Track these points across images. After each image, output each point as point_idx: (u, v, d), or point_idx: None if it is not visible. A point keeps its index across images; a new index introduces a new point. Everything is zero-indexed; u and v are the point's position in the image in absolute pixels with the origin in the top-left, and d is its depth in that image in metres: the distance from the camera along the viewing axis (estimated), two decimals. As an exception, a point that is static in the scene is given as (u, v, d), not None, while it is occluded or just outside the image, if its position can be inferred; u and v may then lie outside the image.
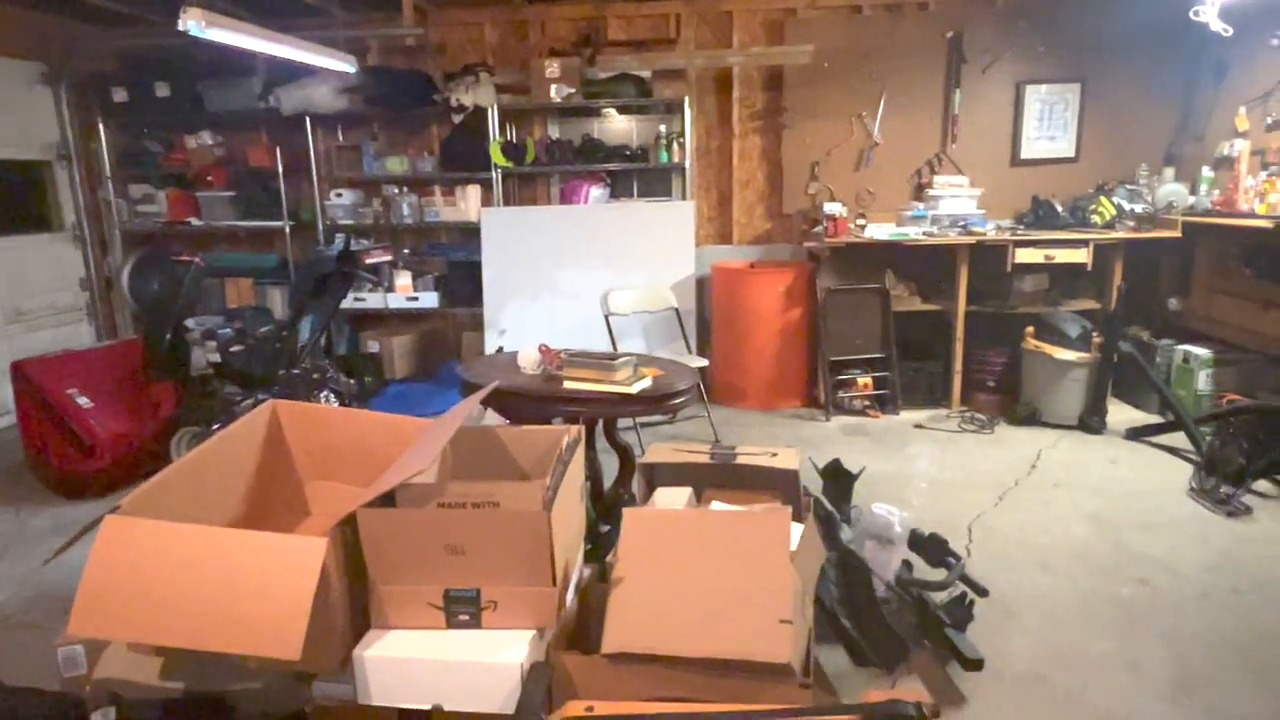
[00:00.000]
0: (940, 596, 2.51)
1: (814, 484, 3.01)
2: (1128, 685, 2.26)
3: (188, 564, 1.65)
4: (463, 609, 1.75)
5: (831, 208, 4.79)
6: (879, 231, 4.73)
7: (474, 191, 5.26)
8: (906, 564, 2.69)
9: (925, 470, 3.89)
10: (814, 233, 4.89)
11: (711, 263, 5.13)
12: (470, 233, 5.25)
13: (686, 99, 5.01)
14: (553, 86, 4.94)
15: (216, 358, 3.82)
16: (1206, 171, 4.56)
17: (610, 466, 3.07)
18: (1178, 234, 4.42)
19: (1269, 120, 4.23)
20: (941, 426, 4.52)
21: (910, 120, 5.08)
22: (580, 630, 1.91)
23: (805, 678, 1.62)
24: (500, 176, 5.17)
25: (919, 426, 4.53)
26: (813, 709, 1.35)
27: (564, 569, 1.81)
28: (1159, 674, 2.31)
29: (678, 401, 2.61)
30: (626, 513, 1.83)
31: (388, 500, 1.77)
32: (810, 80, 5.03)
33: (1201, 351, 4.28)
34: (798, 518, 2.10)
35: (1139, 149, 4.95)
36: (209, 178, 5.35)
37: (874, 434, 4.44)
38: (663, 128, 5.17)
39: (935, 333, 4.85)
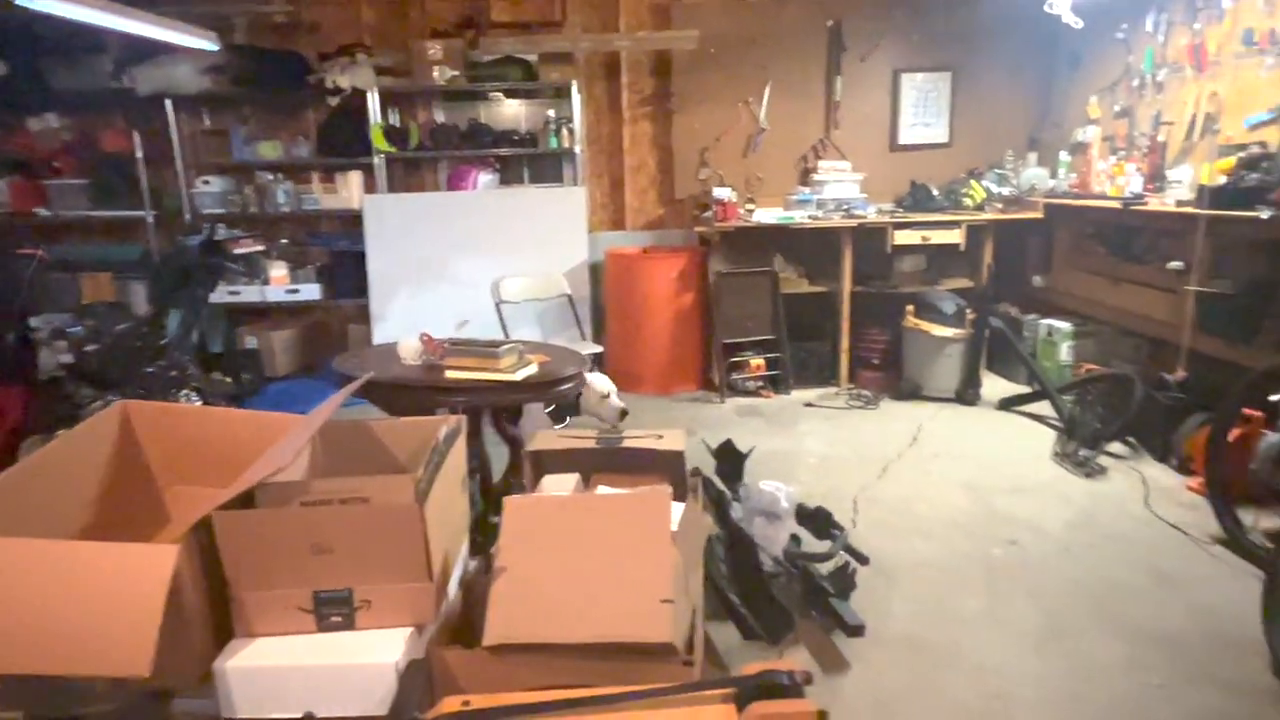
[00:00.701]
0: (826, 567, 2.58)
1: (709, 465, 3.05)
2: (997, 639, 2.39)
3: (21, 581, 1.51)
4: (334, 610, 1.66)
5: (721, 192, 4.84)
6: (767, 215, 4.82)
7: (355, 178, 5.04)
8: (795, 538, 2.75)
9: (815, 447, 4.01)
10: (704, 217, 4.94)
11: (605, 248, 5.11)
12: (353, 221, 5.02)
13: (575, 83, 4.95)
14: (435, 69, 4.78)
15: (69, 358, 3.52)
16: (1064, 156, 4.86)
17: (501, 458, 3.02)
18: (1040, 215, 4.70)
19: (1116, 108, 4.54)
20: (831, 404, 4.67)
21: (795, 106, 5.19)
22: (466, 625, 1.86)
23: (689, 655, 1.63)
24: (384, 162, 4.97)
25: (809, 405, 4.66)
26: (685, 685, 1.36)
27: (443, 563, 1.76)
28: (1026, 626, 2.45)
29: (566, 388, 2.58)
30: (506, 501, 1.79)
31: (248, 501, 1.67)
32: (698, 66, 5.06)
33: (1063, 325, 4.57)
34: (683, 498, 2.11)
35: (1005, 135, 5.23)
36: (56, 164, 4.91)
37: (767, 414, 4.54)
38: (551, 112, 5.09)
39: (823, 313, 5.00)
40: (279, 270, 4.99)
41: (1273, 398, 2.87)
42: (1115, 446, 3.78)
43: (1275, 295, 3.23)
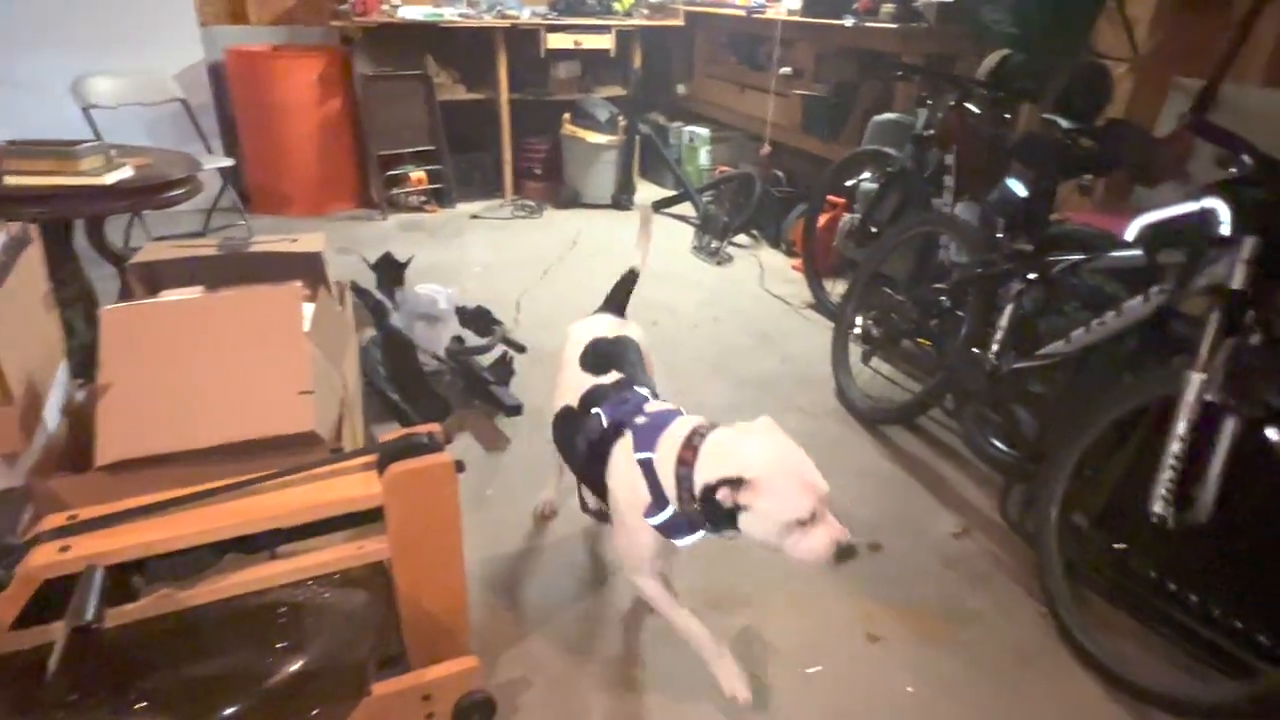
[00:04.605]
0: (487, 360, 2.70)
1: (371, 282, 2.95)
2: (638, 403, 2.73)
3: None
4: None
5: (359, -18, 4.34)
6: (413, 12, 4.44)
7: None
8: (459, 339, 2.81)
9: (480, 257, 4.04)
10: (342, 10, 4.42)
11: (224, 46, 4.39)
12: None
13: None
14: None
15: None
16: (702, -35, 5.07)
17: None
18: (681, 23, 4.92)
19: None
20: (496, 215, 4.68)
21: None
22: (79, 452, 1.66)
23: (337, 443, 1.64)
24: None
25: (475, 217, 4.63)
26: (328, 458, 1.37)
27: (26, 386, 1.52)
28: (659, 389, 2.81)
29: (176, 193, 2.26)
30: (103, 313, 1.57)
31: None
32: None
33: (702, 131, 4.97)
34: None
35: (651, -61, 5.27)
36: None
37: (431, 228, 4.43)
38: None
39: (484, 123, 4.87)
40: None
41: (848, 184, 3.45)
42: (741, 238, 4.33)
43: (856, 96, 3.80)
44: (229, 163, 3.84)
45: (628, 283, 1.94)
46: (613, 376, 1.58)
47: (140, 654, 1.27)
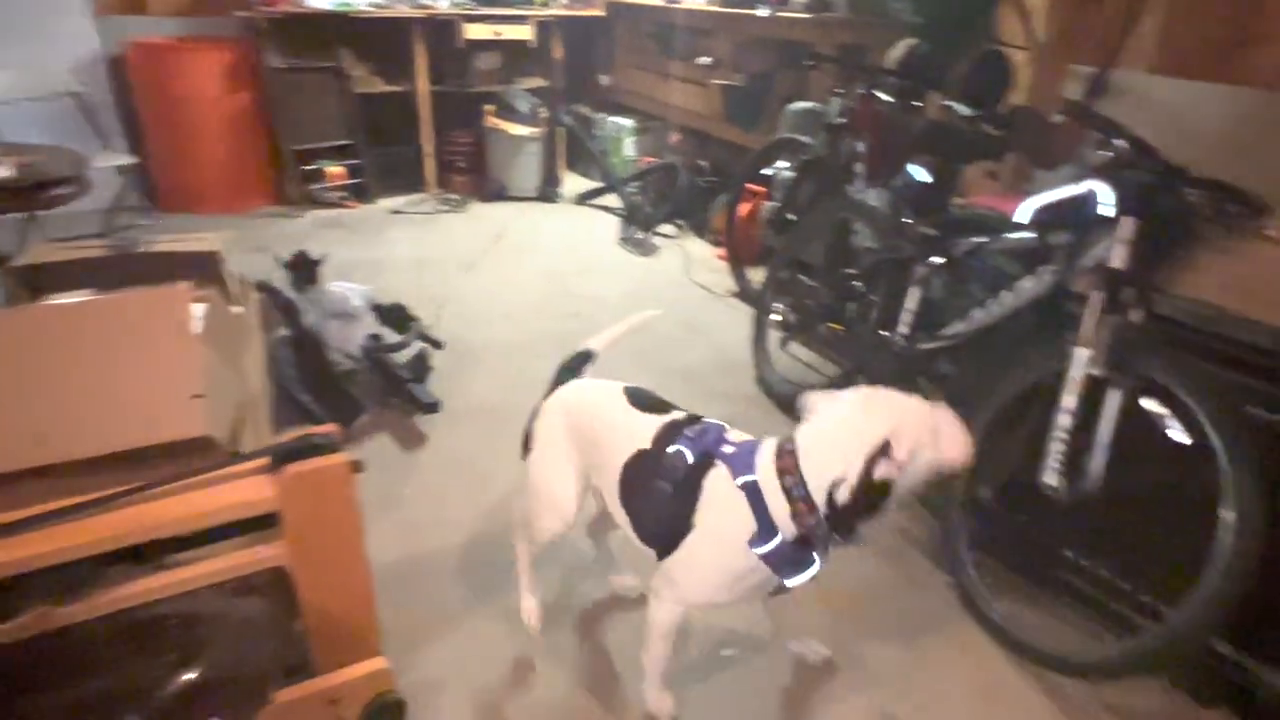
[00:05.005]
0: (403, 357, 2.65)
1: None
2: (560, 395, 2.72)
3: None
4: None
5: (266, -29, 4.19)
6: (323, 2, 4.31)
7: None
8: (375, 336, 2.75)
9: (402, 253, 3.96)
10: (247, 0, 4.26)
11: (125, 37, 4.19)
12: None
13: None
14: None
15: None
16: (623, -45, 5.05)
17: None
18: (602, 13, 4.90)
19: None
20: (419, 210, 4.60)
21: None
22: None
23: (235, 447, 1.59)
24: None
25: (397, 212, 4.54)
26: (217, 463, 1.33)
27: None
28: (584, 382, 2.81)
29: (61, 192, 2.15)
30: (-25, 320, 1.50)
31: None
32: None
33: (626, 122, 4.96)
34: (226, 300, 1.96)
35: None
36: None
37: (351, 224, 4.33)
38: None
39: (404, 116, 4.77)
40: None
41: (766, 172, 3.50)
42: (668, 228, 4.35)
43: (773, 86, 3.84)
44: (128, 160, 3.68)
45: (576, 363, 1.74)
46: (675, 414, 1.47)
47: (20, 674, 1.22)
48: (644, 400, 1.53)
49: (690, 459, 1.35)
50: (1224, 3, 2.46)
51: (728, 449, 1.35)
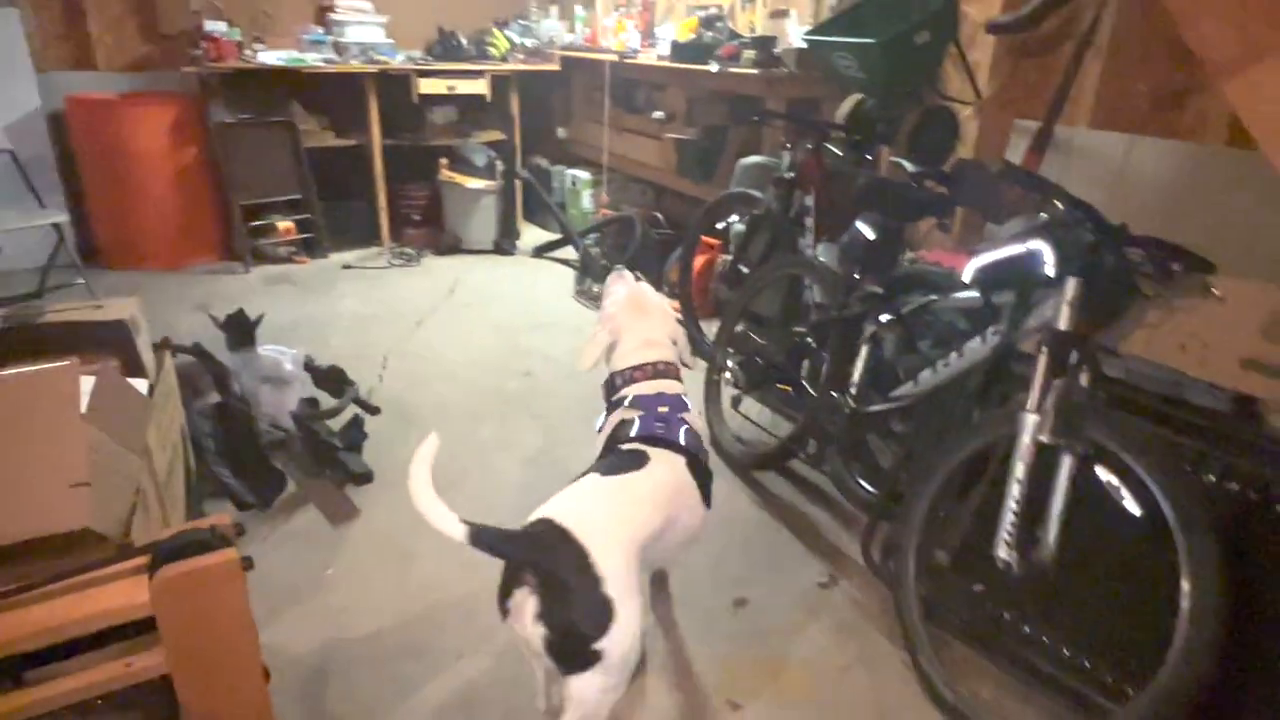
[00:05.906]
0: (338, 423, 2.53)
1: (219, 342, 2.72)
2: (503, 460, 2.60)
3: None
4: None
5: (214, 26, 4.14)
6: (273, 57, 4.27)
7: None
8: (312, 401, 2.63)
9: (351, 308, 3.85)
10: (196, 55, 4.20)
11: (66, 93, 4.10)
12: None
13: None
14: None
15: None
16: (580, 10, 5.09)
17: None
18: (557, 67, 4.91)
19: (616, -36, 4.84)
20: (371, 265, 4.51)
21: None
22: None
23: (127, 538, 1.46)
24: None
25: (348, 267, 4.44)
26: (91, 563, 1.21)
27: None
28: (528, 444, 2.70)
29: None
30: None
31: None
32: None
33: (583, 174, 4.94)
34: (137, 373, 1.84)
35: (528, -15, 5.28)
36: None
37: (300, 280, 4.22)
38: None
39: (356, 169, 4.70)
40: None
41: (719, 225, 3.46)
42: (624, 281, 4.28)
43: (725, 140, 3.84)
44: (62, 218, 3.54)
45: None
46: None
47: None
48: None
49: None
50: (1159, 55, 2.48)
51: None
